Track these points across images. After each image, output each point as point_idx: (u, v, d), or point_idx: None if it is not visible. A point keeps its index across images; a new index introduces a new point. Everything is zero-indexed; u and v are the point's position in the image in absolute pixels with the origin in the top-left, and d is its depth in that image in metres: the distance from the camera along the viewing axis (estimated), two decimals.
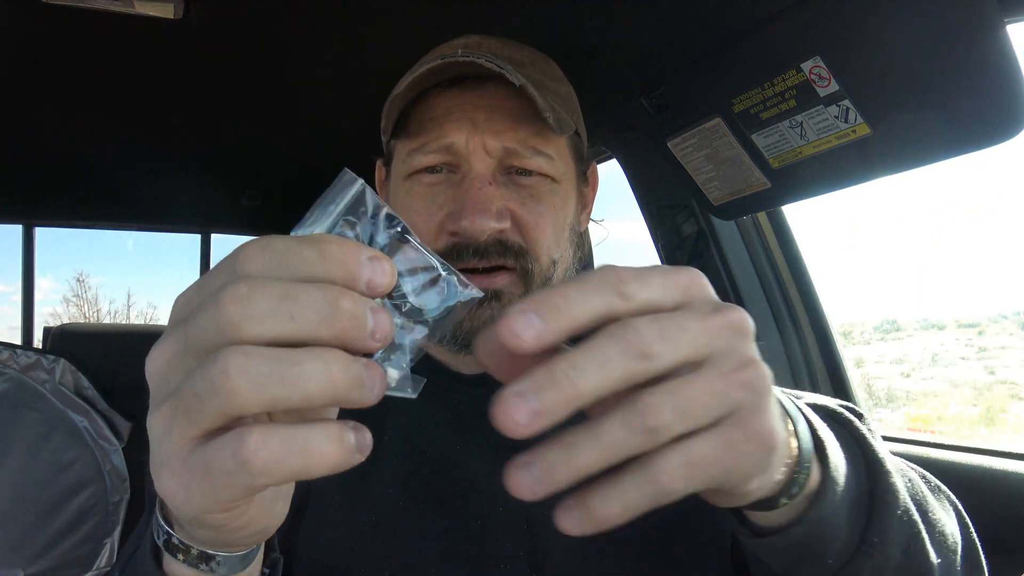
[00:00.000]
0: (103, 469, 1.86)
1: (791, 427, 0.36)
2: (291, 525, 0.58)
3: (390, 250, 0.30)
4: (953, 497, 0.49)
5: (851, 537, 0.40)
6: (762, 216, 1.30)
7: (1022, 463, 0.92)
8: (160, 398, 0.28)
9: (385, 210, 0.30)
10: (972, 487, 0.94)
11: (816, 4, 0.82)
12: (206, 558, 0.34)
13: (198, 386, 0.25)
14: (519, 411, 0.26)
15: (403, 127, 0.62)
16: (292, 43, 1.03)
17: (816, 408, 0.45)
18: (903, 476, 0.45)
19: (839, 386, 1.29)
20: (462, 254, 0.58)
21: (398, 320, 0.30)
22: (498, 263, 0.59)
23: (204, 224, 2.39)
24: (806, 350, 1.31)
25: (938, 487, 0.50)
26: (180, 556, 0.34)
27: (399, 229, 0.30)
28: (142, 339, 2.12)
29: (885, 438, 1.17)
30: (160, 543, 0.35)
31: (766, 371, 0.30)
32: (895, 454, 1.14)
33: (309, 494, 0.58)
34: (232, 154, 1.66)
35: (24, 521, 1.72)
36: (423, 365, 0.70)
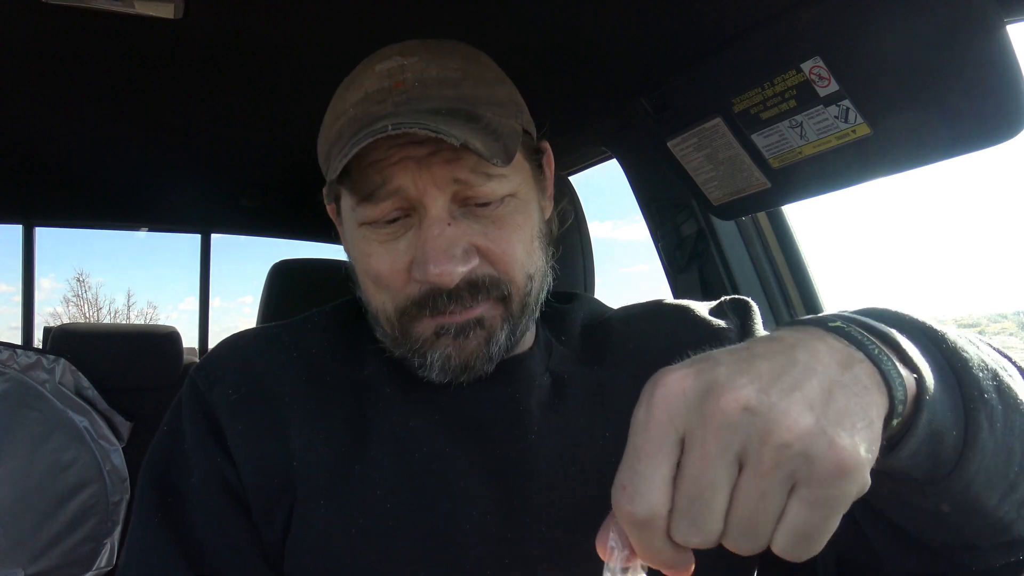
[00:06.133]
0: (103, 469, 1.86)
1: (878, 376, 0.36)
2: (280, 535, 0.57)
3: None
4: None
5: (955, 402, 0.40)
6: (762, 216, 1.30)
7: None
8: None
9: None
10: None
11: (816, 4, 0.82)
12: None
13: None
14: None
15: (344, 170, 0.57)
16: (292, 43, 1.03)
17: (865, 312, 0.44)
18: (959, 336, 0.45)
19: None
20: (436, 302, 0.57)
21: None
22: (472, 305, 0.58)
23: (204, 224, 2.39)
24: None
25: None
26: None
27: None
28: (142, 339, 2.12)
29: None
30: None
31: (793, 432, 0.32)
32: None
33: (295, 501, 0.57)
34: (232, 154, 1.66)
35: (24, 521, 1.72)
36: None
